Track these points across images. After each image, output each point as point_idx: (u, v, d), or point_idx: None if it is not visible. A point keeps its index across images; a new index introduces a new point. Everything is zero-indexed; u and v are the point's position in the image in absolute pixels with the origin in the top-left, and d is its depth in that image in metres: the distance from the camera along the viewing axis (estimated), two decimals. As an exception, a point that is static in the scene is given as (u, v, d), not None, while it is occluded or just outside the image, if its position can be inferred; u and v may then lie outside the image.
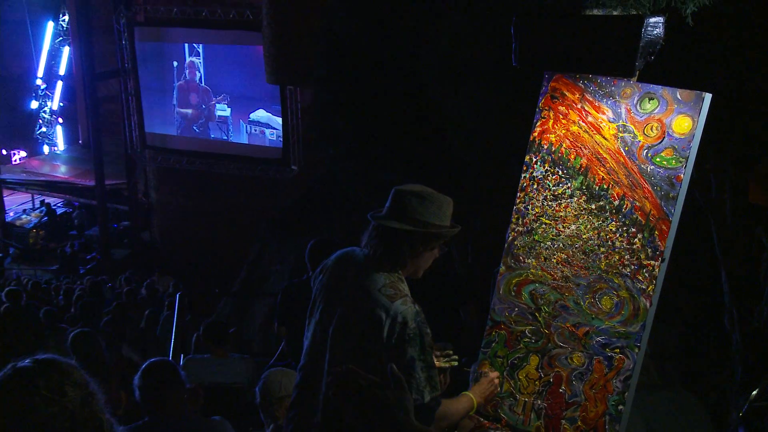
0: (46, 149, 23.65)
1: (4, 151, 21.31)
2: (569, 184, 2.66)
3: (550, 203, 2.70)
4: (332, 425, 2.29)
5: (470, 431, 2.73)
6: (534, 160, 2.75)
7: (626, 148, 2.52)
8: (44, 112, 23.68)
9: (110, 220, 17.62)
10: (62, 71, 23.31)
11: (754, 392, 2.63)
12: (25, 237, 17.97)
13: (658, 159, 2.44)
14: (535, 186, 2.74)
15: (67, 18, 21.07)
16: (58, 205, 19.85)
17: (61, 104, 23.75)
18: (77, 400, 1.57)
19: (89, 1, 16.15)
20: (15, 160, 22.11)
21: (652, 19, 2.35)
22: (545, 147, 2.73)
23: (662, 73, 2.50)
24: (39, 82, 23.37)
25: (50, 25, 22.79)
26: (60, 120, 23.85)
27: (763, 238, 3.34)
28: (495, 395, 2.66)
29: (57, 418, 1.54)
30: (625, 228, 2.50)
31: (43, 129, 23.73)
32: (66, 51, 22.63)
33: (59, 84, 23.56)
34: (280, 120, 14.14)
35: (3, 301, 8.69)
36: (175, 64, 15.33)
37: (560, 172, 2.68)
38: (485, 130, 4.99)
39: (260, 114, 14.73)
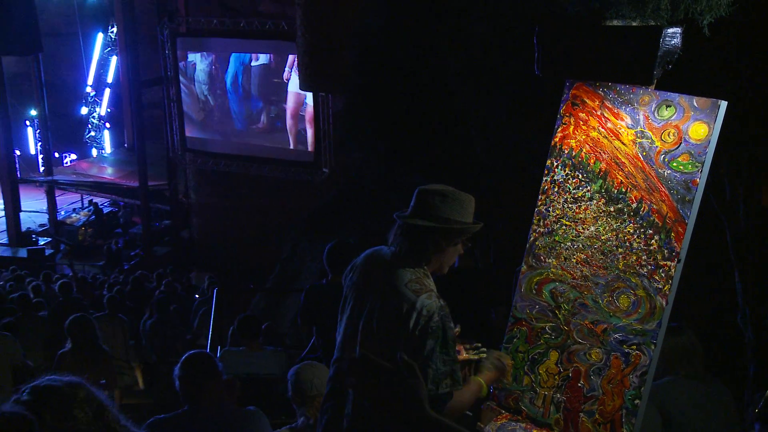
0: (94, 152, 23.95)
1: (56, 154, 21.54)
2: (589, 188, 2.64)
3: (570, 205, 2.69)
4: (362, 416, 2.30)
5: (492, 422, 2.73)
6: (555, 164, 2.74)
7: (644, 153, 2.50)
8: (93, 117, 24.01)
9: (152, 219, 17.75)
10: (110, 79, 23.66)
11: None
12: (74, 234, 18.14)
13: (674, 164, 2.41)
14: (556, 189, 2.74)
15: (115, 30, 21.37)
16: (105, 204, 20.04)
17: (109, 110, 24.08)
18: (89, 416, 1.52)
19: (135, 14, 16.39)
20: (66, 163, 22.44)
21: (670, 30, 2.34)
22: (566, 152, 2.72)
23: (679, 81, 2.48)
24: (89, 89, 23.73)
25: (100, 37, 23.17)
26: (107, 125, 24.19)
27: None
28: (503, 375, 2.61)
29: None
30: (642, 230, 2.48)
31: (92, 133, 24.05)
32: (114, 60, 22.96)
33: (107, 91, 23.91)
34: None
35: (56, 293, 8.93)
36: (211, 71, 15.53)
37: (580, 176, 2.67)
38: (508, 135, 4.98)
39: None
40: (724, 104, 2.32)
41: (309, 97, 13.97)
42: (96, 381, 1.70)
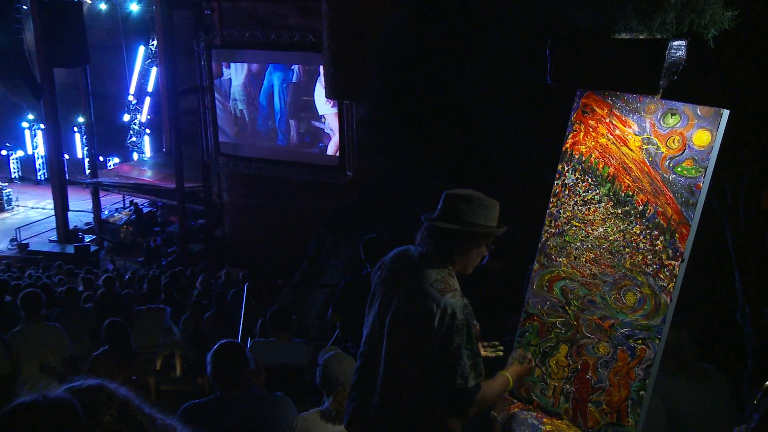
0: (135, 156, 24.02)
1: (101, 158, 21.74)
2: (598, 191, 2.63)
3: (580, 208, 2.69)
4: (389, 405, 2.31)
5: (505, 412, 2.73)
6: (566, 168, 2.74)
7: (650, 159, 2.49)
8: (134, 124, 24.17)
9: (188, 218, 17.82)
10: (150, 88, 23.79)
11: (767, 382, 2.57)
12: (116, 232, 18.26)
13: (679, 169, 2.40)
14: (566, 192, 2.73)
15: (155, 43, 21.52)
16: (145, 204, 20.11)
17: (149, 117, 24.21)
18: (114, 415, 1.46)
19: (174, 28, 16.55)
20: (110, 166, 22.66)
21: (676, 42, 2.33)
22: (576, 157, 2.71)
23: (684, 90, 2.46)
24: (131, 98, 23.91)
25: (141, 49, 23.33)
26: (147, 131, 24.32)
27: None
28: (529, 374, 2.63)
29: None
30: (648, 231, 2.47)
31: (133, 138, 24.19)
32: (154, 71, 23.08)
33: (147, 99, 24.06)
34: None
35: (100, 286, 9.03)
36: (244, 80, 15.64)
37: (590, 180, 2.66)
38: (521, 141, 4.95)
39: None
40: (726, 113, 2.31)
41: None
42: (127, 379, 1.66)
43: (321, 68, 13.89)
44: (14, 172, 23.65)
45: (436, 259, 2.30)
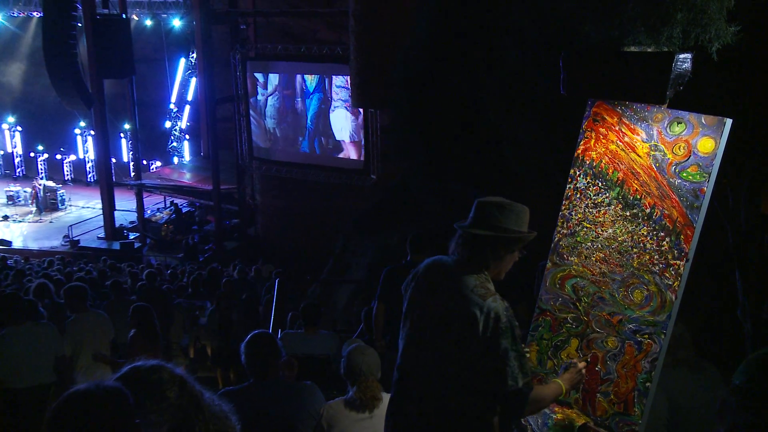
0: (175, 160, 24.23)
1: (144, 162, 21.88)
2: (607, 194, 2.63)
3: (590, 210, 2.68)
4: (434, 413, 2.23)
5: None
6: (578, 173, 2.73)
7: (657, 165, 2.47)
8: (175, 130, 24.39)
9: (223, 217, 17.78)
10: (190, 97, 23.94)
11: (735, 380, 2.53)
12: (158, 230, 18.36)
13: (684, 174, 2.39)
14: (578, 195, 2.73)
15: (195, 55, 21.68)
16: (184, 205, 20.16)
17: (188, 124, 24.37)
18: (177, 391, 1.51)
19: (212, 42, 16.69)
20: (152, 169, 22.83)
21: (682, 55, 2.32)
22: (587, 162, 2.70)
23: (689, 100, 2.45)
24: (172, 106, 24.16)
25: (182, 61, 23.51)
26: (187, 136, 24.48)
27: None
28: (581, 382, 2.51)
29: (169, 414, 1.49)
30: (655, 232, 2.46)
31: (174, 144, 24.41)
32: (193, 81, 23.20)
33: (187, 108, 24.24)
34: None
35: (143, 280, 9.17)
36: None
37: (600, 184, 2.66)
38: (536, 147, 4.93)
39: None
40: (729, 122, 2.30)
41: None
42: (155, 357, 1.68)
43: (334, 99, 14.13)
44: (67, 175, 24.04)
45: (473, 265, 2.22)
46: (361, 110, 13.88)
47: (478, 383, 2.14)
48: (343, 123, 14.84)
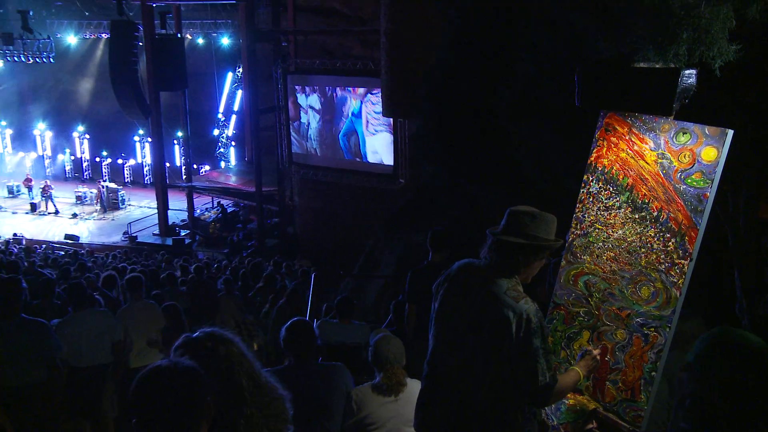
0: (222, 164, 24.34)
1: (194, 166, 22.14)
2: (618, 198, 2.63)
3: (602, 213, 2.69)
4: (463, 405, 2.23)
5: None
6: (591, 178, 2.74)
7: (664, 171, 2.47)
8: (222, 137, 24.56)
9: (265, 217, 17.81)
10: (236, 108, 24.13)
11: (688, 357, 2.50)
12: (206, 228, 18.51)
13: (689, 180, 2.38)
14: (590, 199, 2.73)
15: (240, 70, 21.93)
16: (229, 205, 20.26)
17: (234, 132, 24.55)
18: (236, 352, 1.56)
19: (257, 57, 16.90)
20: (201, 172, 22.99)
21: (687, 71, 2.31)
22: (599, 169, 2.71)
23: (694, 112, 2.44)
24: (220, 116, 24.33)
25: (229, 75, 23.75)
26: (233, 143, 24.65)
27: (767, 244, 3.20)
28: (596, 369, 2.51)
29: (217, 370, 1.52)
30: (661, 234, 2.45)
31: (221, 150, 24.58)
32: (239, 93, 23.40)
33: (233, 117, 24.42)
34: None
35: (192, 273, 9.34)
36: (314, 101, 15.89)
37: (611, 189, 2.66)
38: (551, 155, 4.90)
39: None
40: (730, 132, 2.28)
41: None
42: None
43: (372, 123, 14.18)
44: (127, 177, 24.41)
45: (505, 269, 2.20)
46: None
47: (508, 379, 2.13)
48: (381, 145, 14.91)
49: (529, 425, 2.22)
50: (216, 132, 24.67)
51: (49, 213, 21.07)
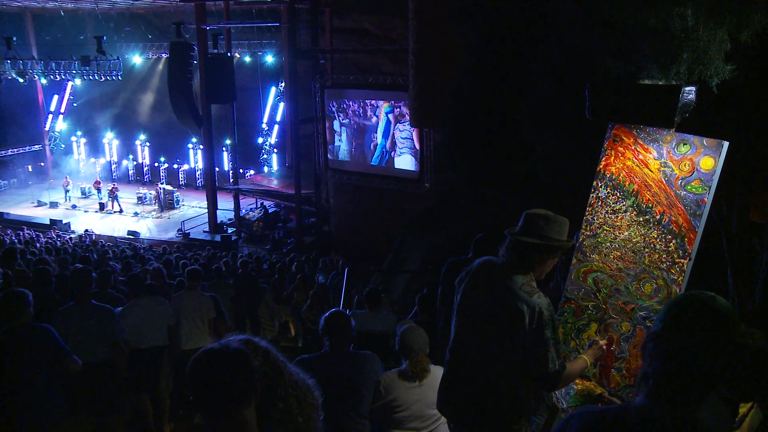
0: (265, 169, 24.53)
1: (241, 170, 22.24)
2: (624, 203, 2.64)
3: (610, 216, 2.70)
4: (480, 389, 2.24)
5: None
6: (599, 184, 2.75)
7: (666, 179, 2.47)
8: (266, 145, 24.77)
9: (303, 217, 17.93)
10: (278, 118, 24.37)
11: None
12: (250, 226, 18.61)
13: (689, 187, 2.39)
14: (599, 203, 2.74)
15: (283, 84, 22.03)
16: (271, 206, 20.28)
17: (276, 140, 24.74)
18: (261, 361, 1.50)
19: (297, 73, 17.10)
20: (247, 176, 23.26)
21: (687, 88, 2.32)
22: (608, 176, 2.72)
23: (693, 125, 2.44)
24: (264, 125, 24.62)
25: (273, 90, 24.03)
26: (275, 150, 24.82)
27: (757, 246, 3.13)
28: (603, 357, 2.51)
29: (256, 375, 1.46)
30: (663, 235, 2.46)
31: (265, 156, 24.80)
32: (281, 106, 23.64)
33: (276, 127, 24.64)
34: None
35: (236, 267, 9.34)
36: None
37: (618, 194, 2.67)
38: (563, 162, 4.88)
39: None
40: (726, 144, 2.28)
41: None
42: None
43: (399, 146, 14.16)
44: (181, 180, 24.96)
45: (521, 267, 2.21)
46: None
47: (521, 365, 2.15)
48: (405, 163, 14.97)
49: (540, 407, 2.26)
50: (260, 140, 24.92)
51: (114, 212, 21.72)
